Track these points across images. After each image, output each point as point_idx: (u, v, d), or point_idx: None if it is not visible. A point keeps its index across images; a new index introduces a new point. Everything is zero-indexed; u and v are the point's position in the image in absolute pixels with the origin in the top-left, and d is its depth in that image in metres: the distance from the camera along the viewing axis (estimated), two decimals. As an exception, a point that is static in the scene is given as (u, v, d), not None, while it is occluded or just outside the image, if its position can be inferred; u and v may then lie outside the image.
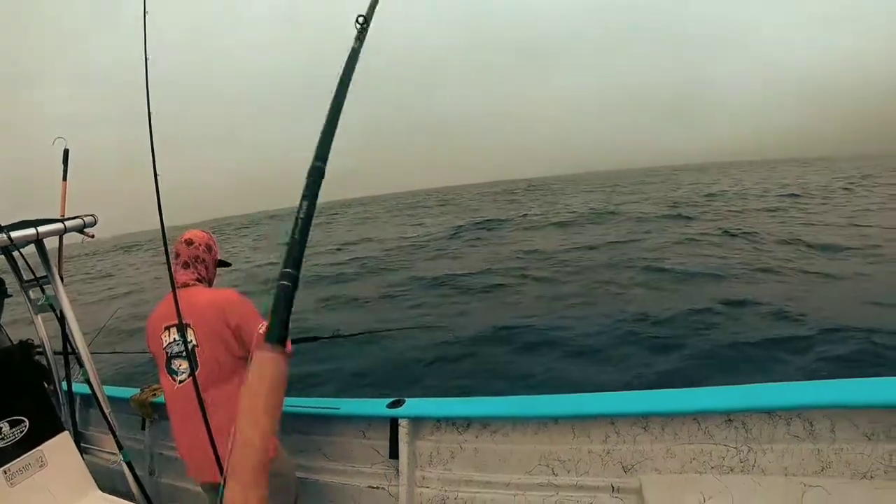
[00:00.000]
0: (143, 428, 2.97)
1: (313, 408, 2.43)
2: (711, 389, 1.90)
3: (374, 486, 2.35)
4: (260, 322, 1.96)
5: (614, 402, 2.01)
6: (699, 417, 1.84)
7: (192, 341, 1.92)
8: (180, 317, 1.81)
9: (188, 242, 2.09)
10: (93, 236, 2.28)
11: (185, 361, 1.91)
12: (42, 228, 2.04)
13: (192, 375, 1.82)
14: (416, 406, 2.29)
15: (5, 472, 1.93)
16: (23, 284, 2.21)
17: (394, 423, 2.29)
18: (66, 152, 2.44)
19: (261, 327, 1.94)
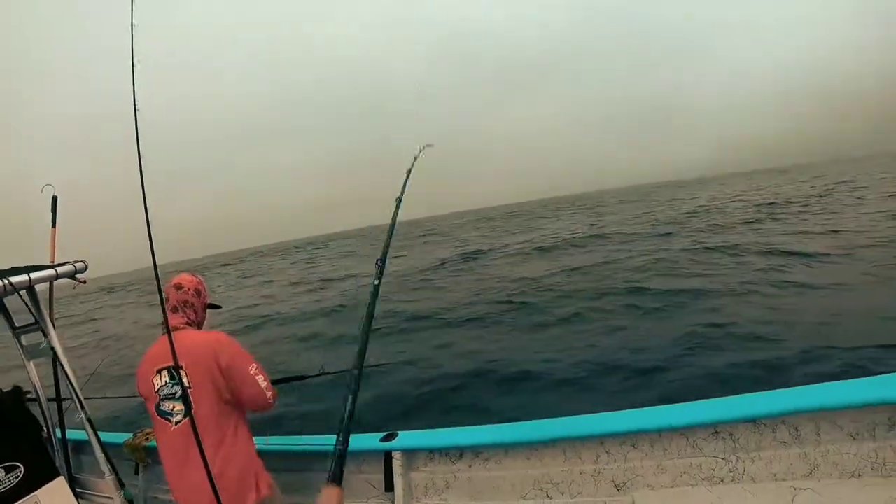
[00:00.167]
0: (136, 473, 2.93)
1: (306, 445, 2.45)
2: (697, 403, 1.94)
3: None
4: (250, 363, 2.00)
5: (603, 422, 2.04)
6: (687, 432, 1.88)
7: (182, 383, 1.91)
8: (175, 359, 1.81)
9: (177, 287, 2.11)
10: (84, 282, 2.30)
11: (179, 403, 1.92)
12: (35, 275, 2.05)
13: (190, 416, 1.80)
14: (409, 438, 2.31)
15: None
16: (15, 331, 2.21)
17: (388, 456, 2.31)
18: (54, 199, 2.45)
19: (252, 368, 1.99)
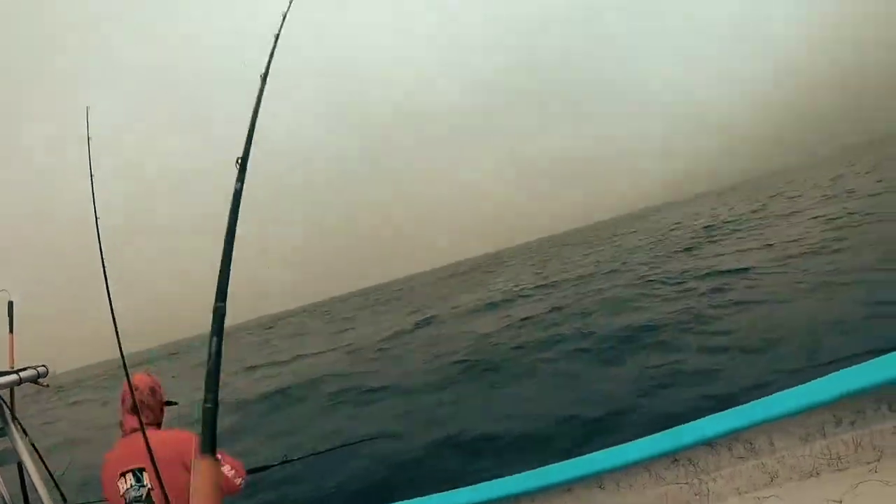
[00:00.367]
0: None
1: None
2: (654, 436, 2.03)
3: None
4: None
5: (569, 468, 2.10)
6: (648, 465, 1.97)
7: (148, 485, 1.93)
8: (153, 459, 1.80)
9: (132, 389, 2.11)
10: (47, 385, 2.24)
11: None
12: (0, 380, 1.98)
13: None
14: None
15: None
16: None
17: None
18: (10, 304, 2.39)
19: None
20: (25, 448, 2.12)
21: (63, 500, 2.15)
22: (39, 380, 2.21)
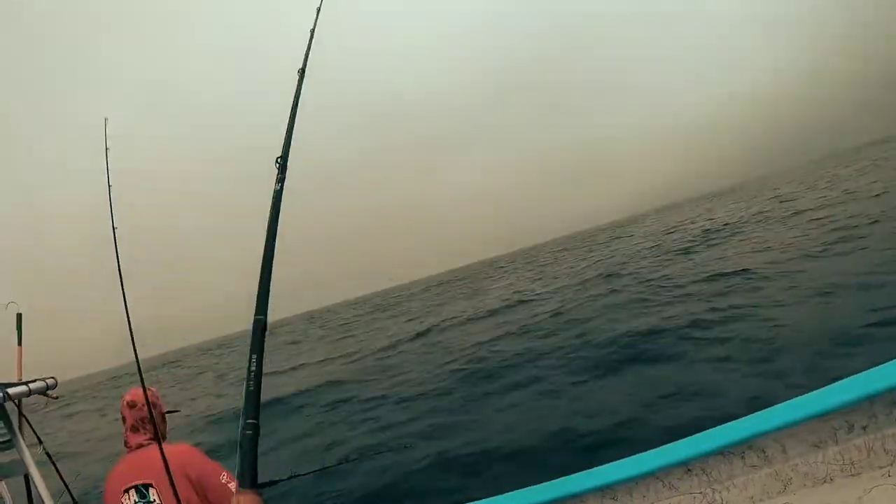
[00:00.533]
0: None
1: None
2: (667, 446, 2.03)
3: None
4: (220, 472, 2.03)
5: (579, 481, 2.10)
6: (661, 475, 1.96)
7: (155, 500, 1.93)
8: (170, 474, 1.79)
9: (131, 405, 2.10)
10: (56, 398, 2.24)
11: None
12: (10, 391, 1.98)
13: None
14: None
15: None
16: None
17: None
18: (19, 317, 2.38)
19: (222, 477, 2.01)
20: (32, 460, 2.11)
21: None
22: (48, 392, 2.20)
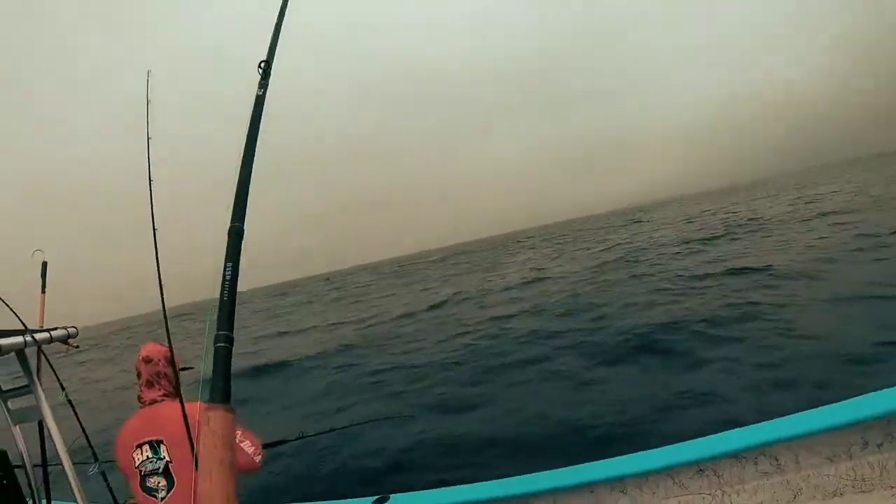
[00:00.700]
0: None
1: None
2: (680, 444, 2.02)
3: None
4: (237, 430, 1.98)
5: (592, 470, 2.10)
6: (672, 472, 1.95)
7: (165, 457, 1.90)
8: (189, 430, 1.78)
9: (146, 360, 2.07)
10: (77, 347, 2.26)
11: (163, 479, 1.89)
12: (29, 337, 2.00)
13: (192, 489, 1.77)
14: (402, 501, 2.32)
15: None
16: (2, 395, 2.13)
17: None
18: (44, 265, 2.42)
19: (237, 435, 1.96)
20: (48, 409, 2.14)
21: (94, 458, 2.16)
22: (69, 340, 2.22)
